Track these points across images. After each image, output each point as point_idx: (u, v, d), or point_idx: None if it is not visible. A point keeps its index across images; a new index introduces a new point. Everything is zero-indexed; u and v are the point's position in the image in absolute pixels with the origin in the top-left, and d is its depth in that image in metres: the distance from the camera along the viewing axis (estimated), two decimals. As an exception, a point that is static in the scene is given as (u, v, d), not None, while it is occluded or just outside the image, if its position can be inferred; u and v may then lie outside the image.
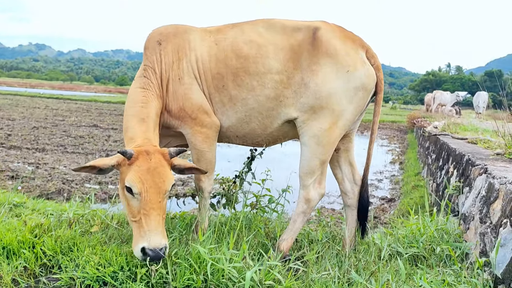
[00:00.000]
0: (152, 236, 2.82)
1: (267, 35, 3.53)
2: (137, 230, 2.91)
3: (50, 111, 25.30)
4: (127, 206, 3.02)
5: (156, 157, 3.03)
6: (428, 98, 28.62)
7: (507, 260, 2.41)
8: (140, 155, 2.99)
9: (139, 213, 2.90)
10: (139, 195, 2.90)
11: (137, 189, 2.90)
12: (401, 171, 12.94)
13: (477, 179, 3.82)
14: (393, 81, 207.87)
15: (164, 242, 2.84)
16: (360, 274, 3.05)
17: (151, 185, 2.91)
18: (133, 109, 3.44)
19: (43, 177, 8.96)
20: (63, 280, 2.93)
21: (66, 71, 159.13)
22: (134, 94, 3.52)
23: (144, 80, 3.53)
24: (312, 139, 3.41)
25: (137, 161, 2.97)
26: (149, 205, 2.88)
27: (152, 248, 2.78)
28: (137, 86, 3.54)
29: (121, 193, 3.10)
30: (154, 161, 2.99)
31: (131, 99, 3.52)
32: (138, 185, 2.89)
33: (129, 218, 3.02)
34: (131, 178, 2.92)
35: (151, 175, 2.93)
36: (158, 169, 2.98)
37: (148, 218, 2.86)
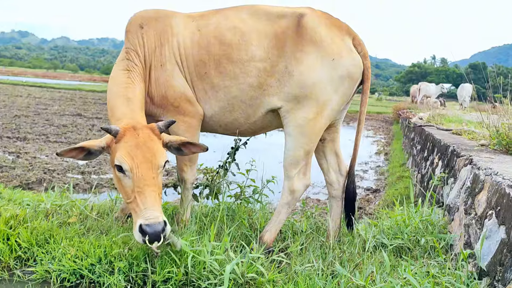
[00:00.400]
0: (148, 213, 2.64)
1: (251, 21, 3.43)
2: (134, 212, 2.75)
3: (32, 100, 24.81)
4: (120, 188, 2.88)
5: (144, 132, 2.90)
6: (414, 90, 28.80)
7: (492, 252, 2.38)
8: (126, 131, 2.86)
9: (133, 192, 2.74)
10: (130, 171, 2.76)
11: (127, 166, 2.76)
12: (386, 162, 12.98)
13: (462, 170, 3.79)
14: (379, 72, 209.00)
15: (161, 217, 2.66)
16: (345, 266, 3.01)
17: (142, 161, 2.77)
18: (118, 89, 3.31)
19: (23, 166, 8.75)
20: (38, 273, 2.84)
21: (49, 59, 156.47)
22: (118, 76, 3.40)
23: (128, 62, 3.42)
24: (297, 129, 3.33)
25: (125, 137, 2.84)
26: (142, 181, 2.73)
27: (149, 223, 2.60)
28: (120, 68, 3.44)
29: (114, 177, 2.96)
30: (142, 136, 2.86)
31: (115, 81, 3.40)
32: (128, 161, 2.76)
33: (126, 202, 2.87)
34: (119, 155, 2.79)
35: (141, 150, 2.80)
36: (148, 144, 2.85)
37: (143, 196, 2.70)
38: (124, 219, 3.73)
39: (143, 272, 2.81)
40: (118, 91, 3.31)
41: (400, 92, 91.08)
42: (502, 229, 2.34)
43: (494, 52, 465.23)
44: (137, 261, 2.82)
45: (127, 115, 3.14)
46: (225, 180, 4.10)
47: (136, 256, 2.83)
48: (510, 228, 2.25)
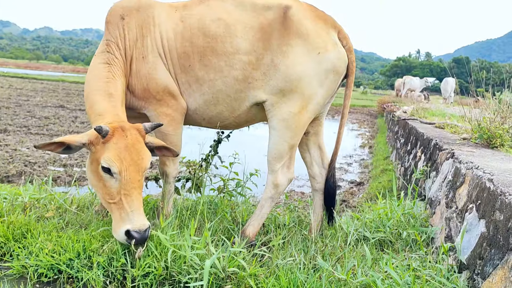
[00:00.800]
0: (135, 217, 2.70)
1: (236, 13, 3.37)
2: (117, 212, 2.75)
3: (14, 91, 24.35)
4: (102, 188, 2.84)
5: (132, 133, 2.87)
6: (398, 84, 29.00)
7: (472, 245, 2.39)
8: (115, 131, 2.81)
9: (119, 194, 2.75)
10: (118, 174, 2.74)
11: (116, 169, 2.74)
12: (371, 155, 13.07)
13: (444, 163, 3.81)
14: (365, 66, 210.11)
15: (147, 223, 2.74)
16: (327, 259, 3.00)
17: (130, 163, 2.77)
18: (98, 84, 3.23)
19: (3, 159, 8.59)
20: (14, 268, 2.77)
21: (32, 50, 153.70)
22: (97, 69, 3.31)
23: (108, 55, 3.33)
24: (281, 123, 3.30)
25: (113, 138, 2.79)
26: (129, 184, 2.74)
27: (138, 229, 2.67)
28: (100, 61, 3.34)
29: (94, 174, 2.90)
30: (130, 138, 2.83)
31: (94, 75, 3.31)
32: (117, 164, 2.73)
33: (105, 200, 2.84)
34: (109, 157, 2.74)
35: (129, 152, 2.78)
36: (136, 146, 2.83)
37: (130, 198, 2.73)
38: (104, 212, 3.66)
39: (122, 267, 2.76)
40: (98, 86, 3.22)
41: (385, 86, 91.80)
42: (482, 223, 2.35)
43: (477, 46, 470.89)
44: (117, 256, 2.77)
45: (109, 111, 3.08)
46: (207, 173, 4.06)
47: (116, 251, 2.78)
48: (490, 222, 2.26)
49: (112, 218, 2.83)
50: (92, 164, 2.90)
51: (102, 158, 2.77)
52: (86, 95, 3.29)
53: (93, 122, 3.09)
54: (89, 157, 2.95)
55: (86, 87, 3.32)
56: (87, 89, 3.30)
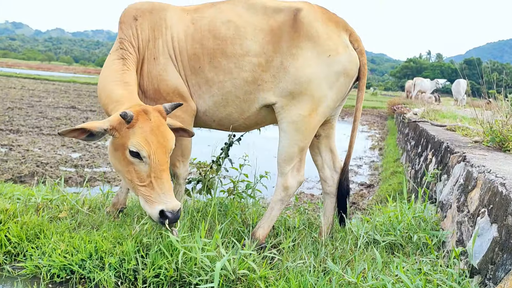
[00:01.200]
0: (168, 198, 2.80)
1: (247, 15, 3.38)
2: (148, 194, 2.84)
3: (26, 92, 24.62)
4: (131, 172, 2.89)
5: (155, 115, 2.91)
6: (409, 85, 28.85)
7: (484, 250, 2.37)
8: (139, 115, 2.85)
9: (149, 177, 2.82)
10: (147, 158, 2.80)
11: (145, 152, 2.79)
12: (381, 157, 13.01)
13: (455, 167, 3.79)
14: (375, 67, 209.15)
15: (179, 203, 2.85)
16: (337, 262, 3.00)
17: (158, 146, 2.83)
18: (115, 75, 3.29)
19: (16, 159, 8.69)
20: (28, 268, 2.81)
21: (44, 51, 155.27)
22: (113, 64, 3.37)
23: (122, 51, 3.40)
24: (291, 126, 3.30)
25: (138, 123, 2.83)
26: (159, 167, 2.82)
27: (171, 210, 2.77)
28: (115, 58, 3.40)
29: (119, 160, 2.94)
30: (154, 120, 2.88)
31: (109, 69, 3.36)
32: (146, 148, 2.79)
33: (134, 184, 2.89)
34: (137, 141, 2.80)
35: (155, 135, 2.84)
36: (160, 128, 2.89)
37: (160, 181, 2.81)
38: (115, 213, 3.70)
39: (134, 268, 2.79)
40: (114, 77, 3.28)
41: (395, 87, 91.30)
42: (494, 227, 2.34)
43: (489, 48, 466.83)
44: (128, 257, 2.80)
45: (127, 97, 3.13)
46: (218, 175, 4.08)
47: (127, 252, 2.81)
48: (502, 227, 2.25)
49: (141, 199, 2.89)
50: (117, 150, 2.93)
51: (130, 143, 2.82)
52: (102, 87, 3.32)
53: (112, 110, 3.13)
54: (111, 143, 2.97)
55: (102, 80, 3.37)
56: (103, 81, 3.34)
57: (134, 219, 3.51)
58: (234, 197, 4.16)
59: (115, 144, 2.93)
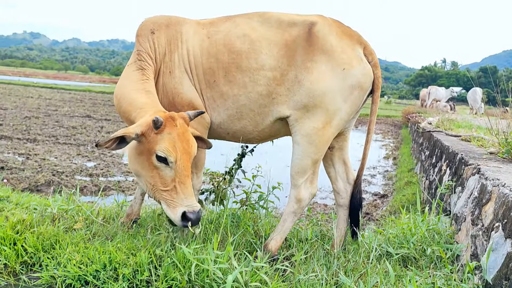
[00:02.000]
0: (189, 202, 2.91)
1: (262, 29, 3.41)
2: (170, 198, 2.92)
3: (43, 101, 25.06)
4: (155, 177, 2.95)
5: (181, 122, 2.99)
6: (423, 93, 28.62)
7: (498, 265, 2.35)
8: (167, 122, 2.93)
9: (173, 182, 2.90)
10: (174, 163, 2.88)
11: (173, 158, 2.88)
12: (395, 166, 12.91)
13: (469, 179, 3.76)
14: (389, 75, 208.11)
15: (199, 205, 2.96)
16: (349, 275, 2.99)
17: (183, 152, 2.91)
18: (135, 85, 3.35)
19: (33, 168, 8.83)
20: (43, 278, 2.85)
21: (60, 60, 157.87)
22: (132, 75, 3.43)
23: (140, 62, 3.45)
24: (305, 138, 3.32)
25: (166, 129, 2.90)
26: (184, 172, 2.91)
27: (193, 211, 2.87)
28: (134, 69, 3.46)
29: (143, 164, 3.00)
30: (180, 127, 2.96)
31: (128, 79, 3.41)
32: (174, 154, 2.87)
33: (157, 188, 2.96)
34: (165, 147, 2.87)
35: (181, 141, 2.92)
36: (185, 135, 2.97)
37: (184, 186, 2.91)
38: (129, 224, 3.74)
39: (147, 279, 2.81)
40: (135, 86, 3.33)
41: (409, 96, 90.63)
42: (509, 242, 2.32)
43: (505, 55, 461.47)
44: (141, 268, 2.82)
45: (150, 104, 3.19)
46: (230, 186, 4.10)
47: (140, 263, 2.84)
48: (516, 242, 2.22)
49: (163, 204, 2.97)
50: (142, 154, 2.98)
51: (158, 148, 2.88)
52: (122, 95, 3.36)
53: (135, 117, 3.16)
54: (135, 148, 3.01)
55: (121, 89, 3.41)
56: (123, 90, 3.38)
57: (147, 230, 3.55)
58: (247, 208, 4.17)
59: (139, 149, 2.98)
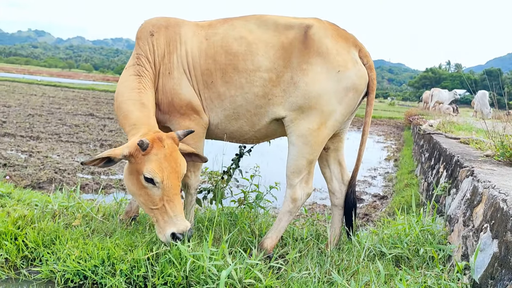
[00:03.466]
0: (178, 221, 2.96)
1: (258, 32, 3.48)
2: (160, 217, 2.99)
3: (46, 99, 25.18)
4: (144, 196, 3.03)
5: (169, 142, 3.06)
6: (426, 96, 28.64)
7: (485, 265, 2.41)
8: (154, 143, 2.99)
9: (161, 201, 2.97)
10: (161, 183, 2.94)
11: (159, 179, 2.94)
12: (396, 168, 12.94)
13: (464, 181, 3.81)
14: (392, 77, 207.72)
15: (188, 224, 2.99)
16: (342, 274, 3.05)
17: (170, 171, 2.97)
18: (131, 94, 3.40)
19: (35, 165, 8.92)
20: (43, 273, 2.93)
21: (65, 59, 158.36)
22: (129, 81, 3.48)
23: (138, 68, 3.50)
24: (300, 139, 3.38)
25: (153, 150, 2.97)
26: (171, 191, 2.96)
27: (182, 231, 2.92)
28: (131, 74, 3.50)
29: (134, 183, 3.08)
30: (168, 147, 3.02)
31: (125, 86, 3.47)
32: (160, 174, 2.93)
33: (147, 207, 3.04)
34: (151, 168, 2.94)
35: (168, 161, 2.98)
36: (173, 154, 3.04)
37: (173, 204, 2.96)
38: (128, 221, 3.81)
39: (144, 275, 2.88)
40: (130, 96, 3.39)
41: (413, 97, 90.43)
42: (495, 243, 2.37)
43: (510, 58, 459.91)
44: (139, 264, 2.90)
45: (143, 121, 3.26)
46: (228, 186, 4.16)
47: (138, 259, 2.91)
48: (502, 243, 2.28)
49: (155, 222, 3.04)
50: (132, 174, 3.07)
51: (145, 169, 2.96)
52: (118, 104, 3.44)
53: (128, 132, 3.28)
54: (127, 167, 3.11)
55: (118, 97, 3.48)
56: (119, 98, 3.45)
57: (146, 227, 3.62)
58: (244, 207, 4.23)
59: (130, 168, 3.08)
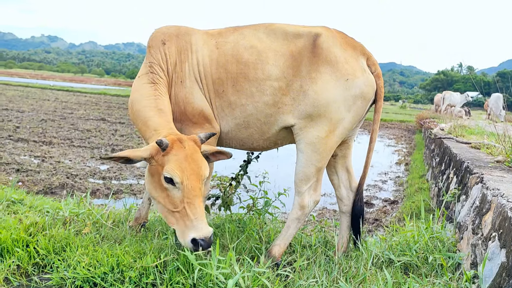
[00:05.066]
0: (200, 225, 2.86)
1: (268, 40, 3.50)
2: (181, 220, 2.92)
3: (59, 104, 25.48)
4: (165, 198, 3.00)
5: (190, 144, 3.03)
6: (438, 99, 28.38)
7: (493, 275, 2.39)
8: (174, 143, 2.98)
9: (182, 203, 2.91)
10: (181, 184, 2.90)
11: (178, 178, 2.89)
12: (406, 172, 12.85)
13: (473, 188, 3.79)
14: (404, 79, 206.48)
15: (211, 229, 2.89)
16: (350, 282, 3.05)
17: (191, 172, 2.93)
18: (147, 101, 3.39)
19: (48, 170, 9.04)
20: (54, 280, 2.97)
21: (77, 63, 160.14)
22: (144, 89, 3.47)
23: (152, 75, 3.50)
24: (309, 146, 3.40)
25: (173, 150, 2.95)
26: (192, 193, 2.91)
27: (203, 237, 2.82)
28: (145, 82, 3.50)
29: (155, 186, 3.06)
30: (188, 148, 2.99)
31: (141, 94, 3.47)
32: (180, 174, 2.89)
33: (167, 209, 2.99)
34: (171, 168, 2.91)
35: (189, 162, 2.94)
36: (194, 156, 3.00)
37: (193, 206, 2.89)
38: (138, 228, 3.85)
39: (152, 282, 2.91)
40: (148, 103, 3.38)
41: (425, 100, 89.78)
42: (503, 252, 2.36)
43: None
44: (147, 271, 2.92)
45: (164, 126, 3.25)
46: (236, 192, 4.18)
47: (146, 267, 2.94)
48: (510, 252, 2.27)
49: (175, 227, 2.98)
50: (153, 176, 3.06)
51: (164, 169, 2.93)
52: (136, 112, 3.43)
53: (150, 138, 3.26)
54: (148, 170, 3.10)
55: (135, 105, 3.47)
56: (136, 106, 3.45)
57: (155, 234, 3.65)
58: (253, 213, 4.25)
59: (151, 170, 3.07)
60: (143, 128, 3.36)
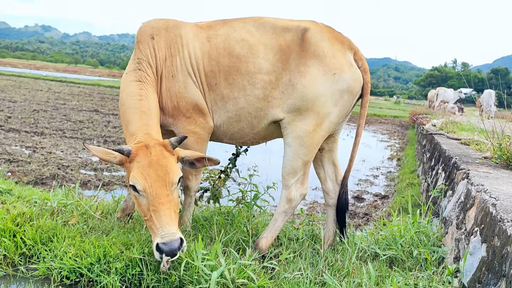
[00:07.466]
0: (164, 231, 2.73)
1: (258, 34, 3.50)
2: (151, 229, 2.84)
3: (52, 94, 25.30)
4: (137, 206, 2.96)
5: (157, 149, 2.95)
6: (431, 95, 28.51)
7: (474, 269, 2.43)
8: (139, 150, 2.92)
9: (149, 210, 2.82)
10: (143, 191, 2.82)
11: (140, 186, 2.82)
12: (398, 167, 12.92)
13: (459, 183, 3.83)
14: (399, 75, 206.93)
15: (177, 235, 2.75)
16: (335, 275, 3.08)
17: (155, 179, 2.82)
18: (131, 102, 3.36)
19: (39, 161, 8.98)
20: (40, 270, 2.98)
21: (71, 54, 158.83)
22: (130, 87, 3.43)
23: (140, 73, 3.46)
24: (296, 140, 3.42)
25: (137, 157, 2.90)
26: (156, 200, 2.79)
27: (165, 241, 2.70)
28: (132, 79, 3.46)
29: (131, 193, 3.03)
30: (155, 154, 2.91)
31: (127, 93, 3.44)
32: (141, 181, 2.82)
33: (142, 219, 2.95)
34: (133, 175, 2.86)
35: (154, 169, 2.85)
36: (161, 162, 2.90)
37: (158, 214, 2.78)
38: (126, 219, 3.86)
39: (139, 274, 2.93)
40: (131, 104, 3.35)
41: (419, 96, 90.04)
42: (484, 247, 2.40)
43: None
44: (133, 263, 2.94)
45: (142, 130, 3.20)
46: (225, 186, 4.20)
47: (133, 258, 2.95)
48: (490, 247, 2.30)
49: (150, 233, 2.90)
50: (127, 182, 3.04)
51: (129, 177, 2.91)
52: (122, 114, 3.43)
53: (128, 143, 3.24)
54: (126, 177, 3.09)
55: (121, 106, 3.46)
56: (122, 108, 3.43)
57: (143, 225, 3.66)
58: (242, 206, 4.27)
59: (126, 177, 3.06)
60: (125, 132, 3.35)
